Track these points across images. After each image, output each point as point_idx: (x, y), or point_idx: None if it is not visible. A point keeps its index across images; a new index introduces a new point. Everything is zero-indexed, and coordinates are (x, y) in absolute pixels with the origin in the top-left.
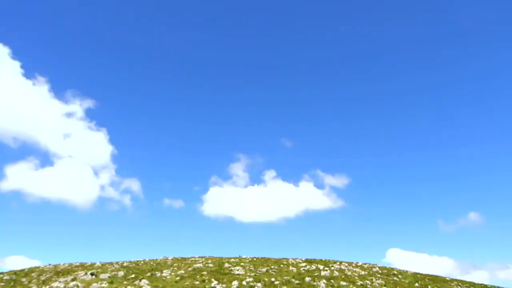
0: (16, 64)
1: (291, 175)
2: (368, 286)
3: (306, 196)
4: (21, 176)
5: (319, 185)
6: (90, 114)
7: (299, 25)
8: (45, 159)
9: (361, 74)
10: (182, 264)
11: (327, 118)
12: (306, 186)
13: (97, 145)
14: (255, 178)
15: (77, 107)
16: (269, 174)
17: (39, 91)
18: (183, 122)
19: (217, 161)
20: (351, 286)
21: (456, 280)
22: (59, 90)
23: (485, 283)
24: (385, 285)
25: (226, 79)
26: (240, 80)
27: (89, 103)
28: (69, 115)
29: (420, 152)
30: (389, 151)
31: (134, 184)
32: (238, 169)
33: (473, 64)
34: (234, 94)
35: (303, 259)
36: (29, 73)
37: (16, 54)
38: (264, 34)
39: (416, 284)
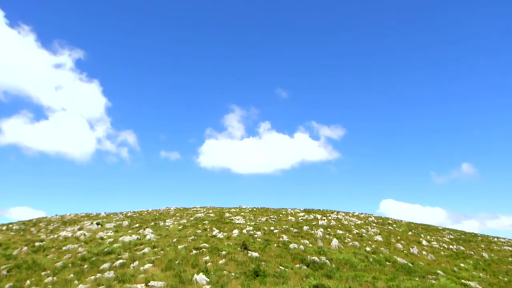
0: (0, 13)
1: (286, 126)
2: (364, 234)
3: (301, 148)
4: (17, 130)
5: (315, 136)
6: (80, 66)
7: None
8: (39, 112)
9: (358, 31)
10: (184, 214)
11: (323, 72)
12: (301, 137)
13: (90, 97)
14: (250, 130)
15: (66, 58)
16: (264, 126)
17: (25, 41)
18: (175, 75)
19: (211, 113)
20: (347, 234)
21: (448, 229)
22: (45, 40)
23: (475, 232)
24: (380, 234)
25: (222, 34)
26: (234, 35)
27: (79, 53)
28: (59, 66)
29: (414, 106)
30: (384, 105)
31: (130, 137)
32: (232, 120)
33: (472, 22)
34: (229, 49)
35: (302, 209)
36: (13, 22)
37: None
38: None
39: (410, 233)
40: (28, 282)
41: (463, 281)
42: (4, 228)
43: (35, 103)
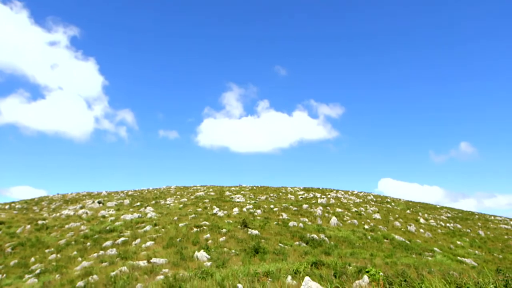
0: None
1: (284, 105)
2: (362, 212)
3: (300, 126)
4: (15, 110)
5: (313, 115)
6: (75, 43)
7: None
8: (35, 91)
9: (358, 12)
10: (185, 193)
11: (322, 51)
12: (300, 116)
13: (87, 76)
14: (249, 109)
15: (61, 35)
16: (263, 105)
17: (18, 18)
18: (172, 54)
19: (209, 92)
20: (346, 212)
21: (445, 207)
22: (39, 17)
23: (472, 210)
24: (378, 212)
25: (220, 14)
26: (232, 15)
27: (73, 31)
28: (53, 43)
29: (413, 86)
30: (383, 85)
31: (128, 116)
32: (230, 98)
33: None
34: (227, 27)
35: (301, 188)
36: None
37: None
38: None
39: (408, 211)
40: (32, 259)
41: (459, 258)
42: (6, 207)
43: (31, 82)
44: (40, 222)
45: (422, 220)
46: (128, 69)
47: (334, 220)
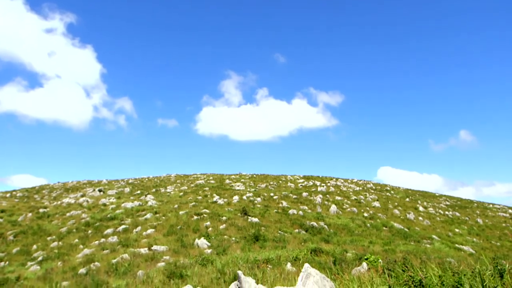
0: None
1: (284, 93)
2: (362, 200)
3: (299, 114)
4: (13, 98)
5: (313, 103)
6: (72, 30)
7: None
8: (33, 80)
9: (357, 2)
10: (185, 181)
11: (321, 39)
12: (299, 104)
13: (85, 64)
14: (248, 97)
15: (57, 22)
16: (262, 93)
17: (13, 4)
18: (170, 42)
19: (207, 80)
20: (345, 200)
21: (444, 195)
22: (34, 3)
23: (471, 198)
24: (377, 200)
25: (217, 3)
26: (230, 5)
27: (70, 17)
28: (50, 31)
29: (413, 74)
30: (382, 73)
31: (126, 104)
32: (229, 86)
33: None
34: (226, 15)
35: (301, 176)
36: None
37: None
38: None
39: (407, 199)
40: (34, 246)
41: (457, 245)
42: (8, 195)
43: (29, 70)
44: (41, 210)
45: (421, 208)
46: (126, 57)
47: (333, 208)
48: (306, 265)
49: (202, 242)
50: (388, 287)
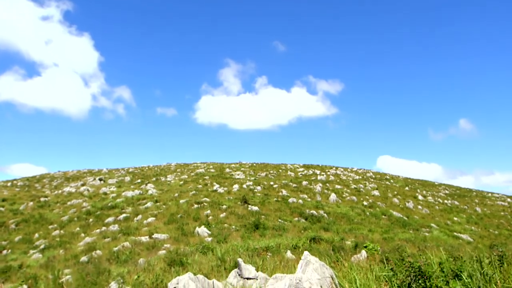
0: None
1: (283, 81)
2: (361, 189)
3: (299, 103)
4: (11, 87)
5: (312, 91)
6: (69, 18)
7: None
8: (30, 68)
9: None
10: (185, 170)
11: (321, 27)
12: (299, 92)
13: (82, 52)
14: (247, 85)
15: (54, 9)
16: (261, 81)
17: None
18: (168, 30)
19: (206, 68)
20: (345, 189)
21: (443, 184)
22: None
23: (470, 187)
24: (377, 189)
25: None
26: None
27: (67, 5)
28: (46, 18)
29: (412, 63)
30: (382, 62)
31: (125, 93)
32: (228, 75)
33: None
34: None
35: (301, 165)
36: None
37: None
38: None
39: (406, 188)
40: (36, 235)
41: (455, 233)
42: (9, 184)
43: (26, 58)
44: (42, 199)
45: (420, 197)
46: (123, 45)
47: (333, 196)
48: (306, 252)
49: (202, 230)
50: (391, 270)
